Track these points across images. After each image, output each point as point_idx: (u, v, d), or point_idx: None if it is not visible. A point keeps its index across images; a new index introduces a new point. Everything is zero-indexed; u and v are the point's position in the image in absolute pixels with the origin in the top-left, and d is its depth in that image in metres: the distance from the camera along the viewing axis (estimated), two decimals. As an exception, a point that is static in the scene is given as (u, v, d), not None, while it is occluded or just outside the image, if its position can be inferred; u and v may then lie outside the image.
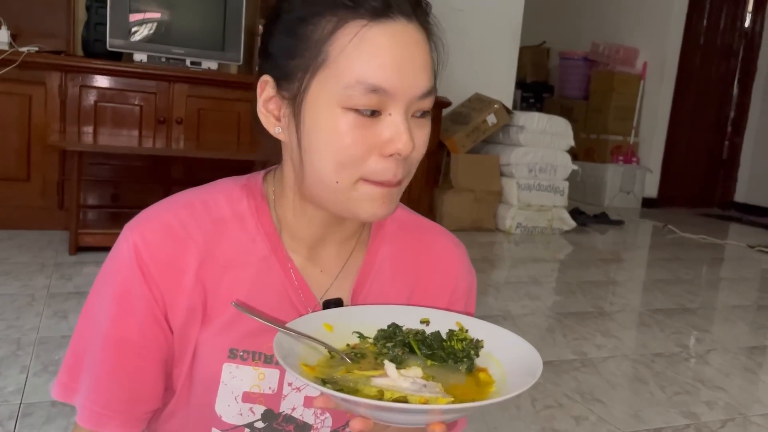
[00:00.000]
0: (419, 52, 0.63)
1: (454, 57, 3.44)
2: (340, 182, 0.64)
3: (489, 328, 0.69)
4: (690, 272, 3.76)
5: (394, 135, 0.62)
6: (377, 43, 0.61)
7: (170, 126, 3.45)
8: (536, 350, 0.63)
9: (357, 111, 0.61)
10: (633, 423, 1.78)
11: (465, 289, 0.81)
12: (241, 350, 0.70)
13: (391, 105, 0.62)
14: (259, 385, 0.71)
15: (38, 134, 3.22)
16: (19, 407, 1.55)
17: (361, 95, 0.61)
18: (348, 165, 0.63)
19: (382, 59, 0.61)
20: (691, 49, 6.43)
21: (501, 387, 0.61)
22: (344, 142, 0.62)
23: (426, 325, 0.71)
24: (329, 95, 0.62)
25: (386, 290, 0.77)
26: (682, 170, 6.64)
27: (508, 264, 3.79)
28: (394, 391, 0.58)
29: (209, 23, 3.50)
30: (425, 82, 0.63)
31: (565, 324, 2.58)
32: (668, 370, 2.19)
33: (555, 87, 7.17)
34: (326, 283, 0.74)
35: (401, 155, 0.62)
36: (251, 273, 0.70)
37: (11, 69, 3.06)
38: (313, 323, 0.66)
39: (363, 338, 0.69)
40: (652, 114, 6.42)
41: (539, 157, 4.49)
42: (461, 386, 0.62)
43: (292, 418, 0.73)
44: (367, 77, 0.60)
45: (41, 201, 3.27)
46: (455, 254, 0.81)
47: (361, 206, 0.65)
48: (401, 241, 0.79)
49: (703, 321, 2.83)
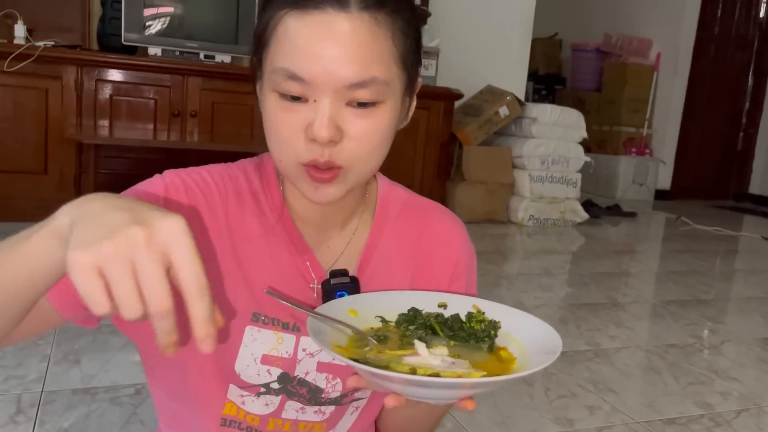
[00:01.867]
0: (350, 42, 0.62)
1: (467, 49, 3.48)
2: (282, 161, 0.68)
3: (504, 310, 0.72)
4: (704, 264, 3.75)
5: (313, 121, 0.63)
6: (298, 33, 0.62)
7: (184, 119, 3.48)
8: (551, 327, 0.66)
9: (282, 95, 0.65)
10: (647, 413, 1.79)
11: (466, 264, 0.84)
12: (263, 315, 0.74)
13: (315, 92, 0.63)
14: (278, 349, 0.74)
15: (55, 128, 3.26)
16: (40, 395, 1.58)
17: (282, 81, 0.64)
18: (282, 146, 0.66)
19: (299, 48, 0.62)
20: (705, 39, 6.37)
21: (523, 362, 0.64)
22: (274, 123, 0.66)
23: (444, 308, 0.74)
24: (266, 79, 0.67)
25: (391, 266, 0.80)
26: (695, 162, 6.59)
27: (521, 256, 3.79)
28: (426, 368, 0.60)
29: (222, 17, 3.52)
30: (354, 73, 0.62)
31: (578, 315, 2.59)
32: (682, 360, 2.19)
33: (567, 79, 7.13)
34: (332, 258, 0.78)
35: (320, 141, 0.63)
36: (263, 245, 0.74)
37: (28, 63, 3.10)
38: (340, 308, 0.70)
39: (385, 322, 0.72)
40: (665, 105, 6.37)
41: (552, 149, 4.48)
42: (486, 363, 0.65)
43: (306, 381, 0.76)
44: (286, 65, 0.63)
45: (58, 194, 3.31)
46: (456, 231, 0.84)
47: (303, 188, 0.68)
48: (404, 219, 0.82)
49: (717, 312, 2.82)
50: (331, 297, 0.73)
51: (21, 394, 1.57)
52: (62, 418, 1.49)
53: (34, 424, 1.45)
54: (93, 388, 1.63)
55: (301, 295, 0.75)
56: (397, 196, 0.83)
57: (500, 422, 1.66)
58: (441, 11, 4.44)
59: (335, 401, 0.79)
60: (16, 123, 3.20)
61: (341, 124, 0.64)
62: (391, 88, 0.66)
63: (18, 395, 1.56)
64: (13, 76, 3.12)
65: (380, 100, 0.65)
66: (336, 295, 0.73)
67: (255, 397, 0.76)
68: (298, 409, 0.78)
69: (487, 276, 3.05)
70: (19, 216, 3.24)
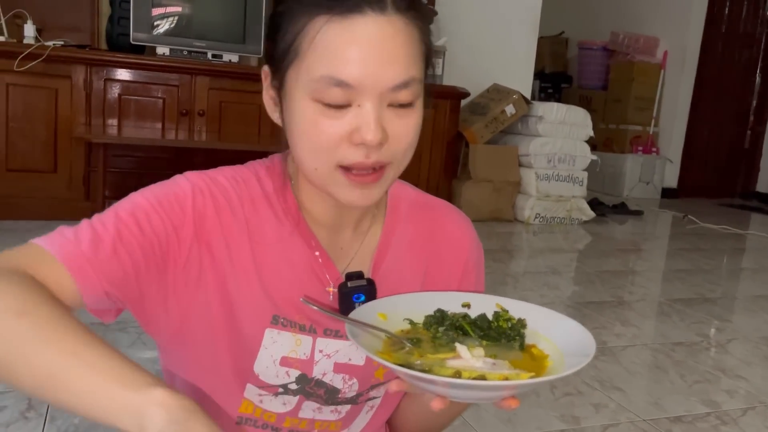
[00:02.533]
0: (390, 45, 0.63)
1: (473, 47, 3.48)
2: (319, 169, 0.67)
3: (527, 307, 0.73)
4: (710, 262, 3.74)
5: (360, 125, 0.63)
6: (341, 38, 0.62)
7: (192, 118, 3.50)
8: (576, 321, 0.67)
9: (325, 104, 0.64)
10: (653, 411, 1.79)
11: (476, 260, 0.85)
12: (282, 317, 0.74)
13: (360, 97, 0.63)
14: (296, 351, 0.75)
15: (64, 127, 3.29)
16: (53, 391, 1.60)
17: (327, 89, 0.63)
18: (321, 153, 0.66)
19: (344, 54, 0.62)
20: (712, 37, 6.35)
21: (557, 359, 0.65)
22: (314, 132, 0.65)
23: (468, 308, 0.75)
24: (301, 87, 0.65)
25: (403, 265, 0.81)
26: (702, 160, 6.57)
27: (527, 254, 3.80)
28: (471, 371, 0.62)
29: (230, 16, 3.53)
30: (397, 75, 0.63)
31: (584, 313, 2.59)
32: (688, 359, 2.19)
33: (573, 77, 7.12)
34: (346, 259, 0.78)
35: (368, 144, 0.64)
36: (279, 249, 0.74)
37: (37, 63, 3.12)
38: (370, 313, 0.71)
39: (414, 324, 0.72)
40: (672, 104, 6.35)
41: (558, 147, 4.48)
42: (521, 362, 0.66)
43: (323, 382, 0.77)
44: (331, 72, 0.62)
45: (68, 192, 3.34)
46: (465, 229, 0.85)
47: (340, 193, 0.68)
48: (414, 219, 0.82)
49: (724, 311, 2.82)
50: (348, 300, 0.74)
51: (33, 391, 1.59)
52: (72, 414, 1.50)
53: (44, 420, 1.47)
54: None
55: (318, 298, 0.76)
56: (407, 194, 0.84)
57: (506, 420, 1.67)
58: (447, 10, 4.44)
59: (351, 400, 0.80)
60: (26, 122, 3.23)
61: (385, 126, 0.65)
62: (421, 87, 0.68)
63: (30, 391, 1.58)
64: (23, 75, 3.15)
65: (416, 99, 0.67)
66: (353, 298, 0.74)
67: (273, 397, 0.77)
68: (315, 409, 0.79)
69: (494, 274, 3.06)
70: (29, 214, 3.27)
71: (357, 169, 0.66)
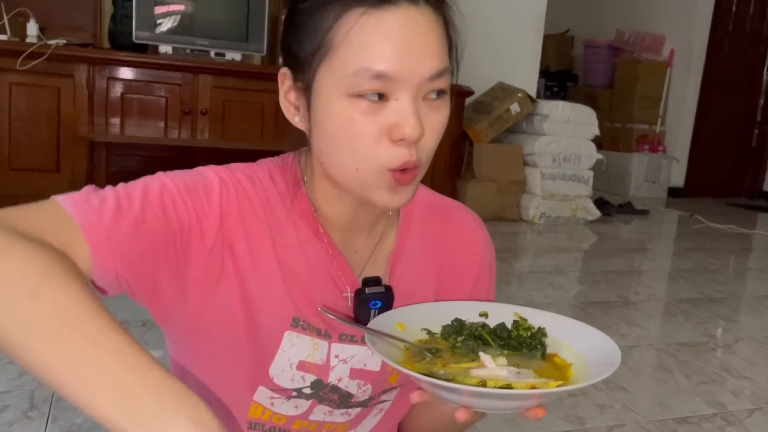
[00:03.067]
0: (425, 35, 0.62)
1: (478, 46, 3.45)
2: (360, 170, 0.64)
3: (544, 315, 0.72)
4: (717, 262, 3.72)
5: (401, 119, 0.62)
6: (378, 30, 0.61)
7: (195, 117, 3.49)
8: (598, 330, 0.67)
9: (363, 97, 0.62)
10: (658, 411, 1.77)
11: (489, 263, 0.85)
12: (302, 320, 0.72)
13: (398, 90, 0.62)
14: (313, 356, 0.74)
15: (67, 126, 3.28)
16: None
17: (365, 82, 0.61)
18: (362, 152, 0.63)
19: (382, 46, 0.61)
20: (719, 35, 6.31)
21: (581, 367, 0.64)
22: (354, 129, 0.63)
23: (485, 317, 0.74)
24: (336, 84, 0.62)
25: (417, 268, 0.79)
26: (709, 159, 6.53)
27: (532, 254, 3.78)
28: (496, 380, 0.61)
29: (233, 14, 3.53)
30: (433, 65, 0.63)
31: (588, 313, 2.57)
32: (694, 359, 2.17)
33: (579, 75, 7.09)
34: (362, 261, 0.77)
35: (409, 140, 0.62)
36: (298, 251, 0.72)
37: (40, 62, 3.12)
38: (388, 323, 0.70)
39: (431, 334, 0.71)
40: (678, 102, 6.32)
41: (563, 146, 4.45)
42: (545, 371, 0.65)
43: (338, 388, 0.76)
44: (370, 64, 0.61)
45: (70, 191, 3.34)
46: (478, 230, 0.84)
47: (379, 194, 0.66)
48: (428, 221, 0.81)
49: (730, 311, 2.80)
50: (365, 306, 0.72)
51: (34, 390, 1.58)
52: (75, 414, 1.50)
53: (47, 419, 1.46)
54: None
55: (335, 303, 0.74)
56: (420, 196, 0.81)
57: (511, 420, 1.65)
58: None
59: (362, 404, 0.79)
60: (29, 121, 3.23)
61: (422, 120, 0.64)
62: (450, 79, 0.67)
63: (31, 391, 1.58)
64: (25, 74, 3.15)
65: (447, 91, 0.66)
66: (370, 305, 0.73)
67: (285, 400, 0.75)
68: (326, 413, 0.78)
69: (498, 274, 3.02)
70: (33, 213, 3.27)
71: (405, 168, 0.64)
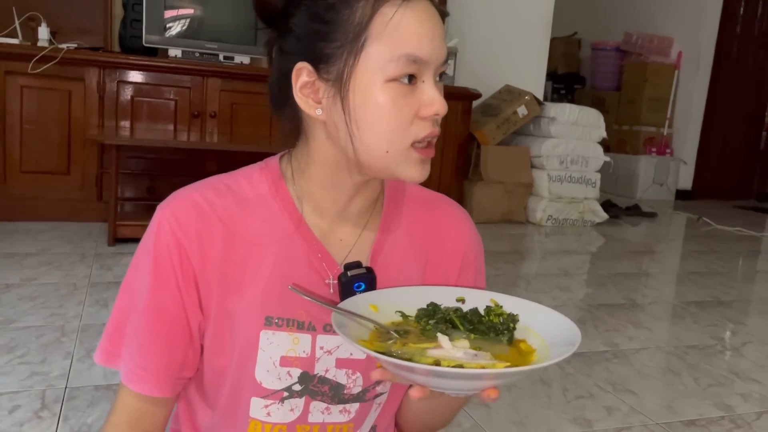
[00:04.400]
0: (440, 24, 0.71)
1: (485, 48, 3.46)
2: (391, 150, 0.70)
3: (522, 303, 0.74)
4: (725, 265, 3.70)
5: (432, 99, 0.69)
6: (414, 20, 0.68)
7: (204, 120, 3.52)
8: (569, 318, 0.69)
9: (398, 81, 0.68)
10: (666, 414, 1.77)
11: (474, 253, 0.87)
12: (276, 317, 0.75)
13: (424, 72, 0.70)
14: (294, 349, 0.76)
15: (78, 129, 3.31)
16: (64, 391, 1.61)
17: (405, 67, 0.68)
18: (397, 133, 0.69)
19: (420, 33, 0.68)
20: (727, 37, 6.29)
21: (543, 353, 0.66)
22: (395, 112, 0.69)
23: (462, 303, 0.76)
24: (374, 71, 0.68)
25: (402, 256, 0.82)
26: (717, 162, 6.51)
27: (539, 256, 3.78)
28: (450, 360, 0.62)
29: (241, 18, 3.55)
30: (445, 49, 0.72)
31: (596, 315, 2.57)
32: (702, 362, 2.17)
33: (586, 78, 7.08)
34: (345, 250, 0.79)
35: (440, 115, 0.70)
36: (277, 247, 0.75)
37: (51, 65, 3.15)
38: (361, 304, 0.72)
39: (405, 317, 0.73)
40: (686, 104, 6.30)
41: (570, 148, 4.45)
42: (506, 355, 0.67)
43: (327, 379, 0.78)
44: (411, 50, 0.68)
45: (81, 194, 3.37)
46: (464, 222, 0.87)
47: (408, 170, 0.71)
48: (413, 211, 0.84)
49: (739, 314, 2.79)
50: (349, 289, 0.75)
51: (45, 390, 1.60)
52: (85, 414, 1.51)
53: (58, 419, 1.48)
54: (115, 385, 1.66)
55: (318, 291, 0.76)
56: (404, 187, 0.85)
57: (518, 422, 1.66)
58: (459, 11, 4.43)
59: (358, 398, 0.80)
60: (40, 124, 3.26)
61: None
62: None
63: (42, 391, 1.59)
64: (37, 78, 3.18)
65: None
66: (354, 287, 0.75)
67: (279, 404, 0.77)
68: (323, 410, 0.79)
69: (505, 276, 3.04)
70: (43, 216, 3.30)
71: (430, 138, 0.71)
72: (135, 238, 2.96)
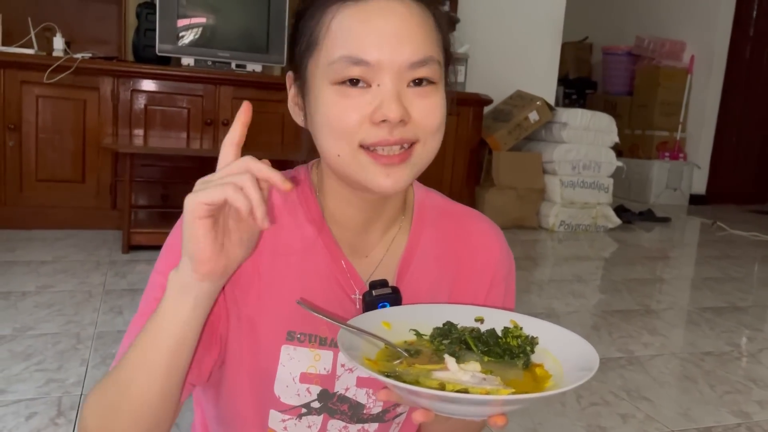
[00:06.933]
0: (406, 24, 0.64)
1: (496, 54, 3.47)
2: (342, 155, 0.66)
3: (543, 326, 0.70)
4: (741, 270, 3.67)
5: (381, 102, 0.64)
6: (355, 19, 0.64)
7: (217, 127, 3.54)
8: (591, 345, 0.64)
9: (345, 84, 0.64)
10: (682, 421, 1.76)
11: (505, 271, 0.84)
12: (298, 333, 0.73)
13: (379, 76, 0.64)
14: (315, 366, 0.74)
15: (92, 137, 3.34)
16: (80, 398, 1.62)
17: (345, 69, 0.64)
18: (343, 136, 0.65)
19: (360, 33, 0.64)
20: (740, 40, 6.24)
21: (558, 381, 0.62)
22: (336, 114, 0.65)
23: (480, 323, 0.72)
24: (321, 75, 0.66)
25: (430, 274, 0.79)
26: (732, 166, 6.46)
27: (552, 262, 3.76)
28: (455, 384, 0.59)
29: (253, 26, 3.57)
30: (414, 52, 0.64)
31: (610, 322, 2.56)
32: (718, 368, 2.15)
33: (598, 83, 7.06)
34: (371, 267, 0.77)
35: (390, 121, 0.63)
36: (301, 258, 0.73)
37: (66, 75, 3.19)
38: (373, 320, 0.69)
39: (420, 336, 0.70)
40: (699, 108, 6.26)
41: (582, 153, 4.43)
42: (519, 381, 0.63)
43: (346, 397, 0.75)
44: (349, 52, 0.64)
45: (95, 202, 3.40)
46: (494, 238, 0.83)
47: (367, 177, 0.67)
48: (442, 227, 0.81)
49: (755, 320, 2.76)
50: (373, 308, 0.72)
51: (61, 397, 1.61)
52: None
53: (74, 426, 1.48)
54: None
55: (342, 307, 0.74)
56: (434, 202, 0.82)
57: (531, 429, 1.65)
58: (470, 17, 4.44)
59: (378, 418, 0.78)
60: (55, 133, 3.29)
61: (407, 105, 0.65)
62: (441, 73, 0.68)
63: (58, 398, 1.61)
64: (52, 87, 3.22)
65: (436, 81, 0.67)
66: (378, 307, 0.72)
67: (297, 420, 0.75)
68: (341, 429, 0.77)
69: (518, 282, 3.01)
70: (58, 224, 3.33)
71: (381, 146, 0.65)
72: (149, 245, 2.98)
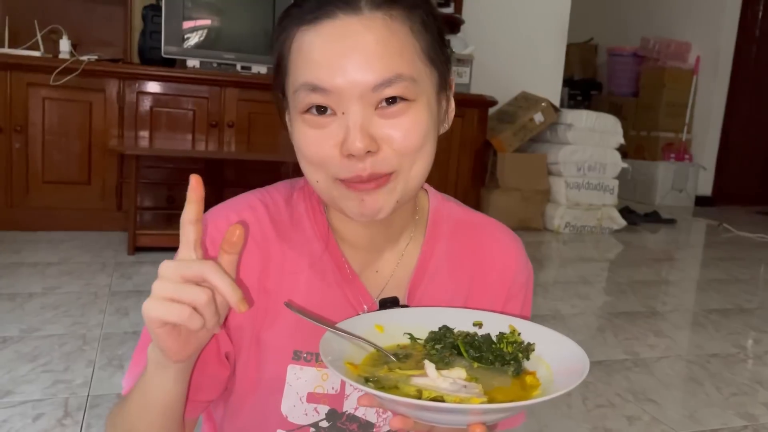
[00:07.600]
0: (366, 45, 0.60)
1: (501, 55, 3.48)
2: (320, 182, 0.65)
3: (543, 332, 0.68)
4: (747, 272, 3.66)
5: (345, 134, 0.61)
6: (311, 45, 0.61)
7: (222, 129, 3.55)
8: (585, 353, 0.62)
9: (309, 112, 0.63)
10: (688, 423, 1.75)
11: (523, 282, 0.80)
12: (304, 352, 0.71)
13: (342, 103, 0.61)
14: (323, 386, 0.72)
15: (98, 139, 3.36)
16: (86, 399, 1.62)
17: (306, 97, 0.62)
18: (317, 165, 0.64)
19: (316, 59, 0.61)
20: (746, 41, 6.23)
21: (546, 390, 0.60)
22: (306, 145, 0.64)
23: (479, 327, 0.70)
24: (292, 103, 0.65)
25: (443, 288, 0.76)
26: (738, 167, 6.43)
27: (557, 263, 3.75)
28: (431, 391, 0.57)
29: (258, 28, 3.58)
30: (377, 74, 0.60)
31: (615, 324, 2.55)
32: (724, 371, 2.14)
33: (603, 84, 7.04)
34: (382, 283, 0.75)
35: (355, 155, 0.61)
36: (309, 275, 0.71)
37: (72, 77, 3.20)
38: (365, 323, 0.67)
39: (414, 340, 0.68)
40: (705, 110, 6.24)
41: (588, 155, 4.43)
42: (505, 389, 0.61)
43: (355, 417, 0.74)
44: (306, 79, 0.61)
45: (101, 203, 3.41)
46: (512, 249, 0.80)
47: (345, 206, 0.65)
48: (457, 238, 0.78)
49: (762, 321, 2.75)
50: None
51: (68, 398, 1.62)
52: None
53: (81, 427, 1.49)
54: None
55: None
56: (450, 213, 0.79)
57: (537, 431, 1.65)
58: (474, 18, 4.44)
59: None
60: (61, 135, 3.31)
61: (375, 133, 0.61)
62: (421, 86, 0.64)
63: (65, 399, 1.61)
64: (58, 89, 3.23)
65: (410, 98, 0.63)
66: None
67: None
68: None
69: (523, 284, 3.02)
70: (64, 225, 3.34)
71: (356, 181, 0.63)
72: (154, 247, 2.99)
